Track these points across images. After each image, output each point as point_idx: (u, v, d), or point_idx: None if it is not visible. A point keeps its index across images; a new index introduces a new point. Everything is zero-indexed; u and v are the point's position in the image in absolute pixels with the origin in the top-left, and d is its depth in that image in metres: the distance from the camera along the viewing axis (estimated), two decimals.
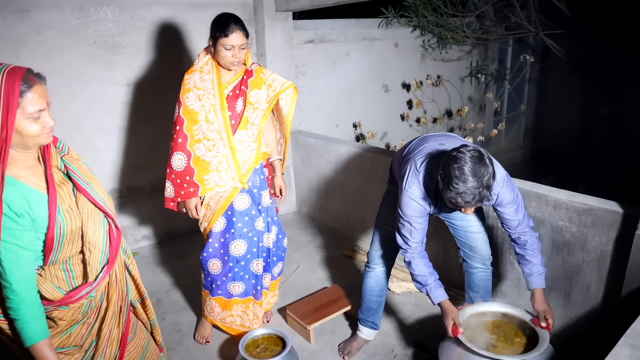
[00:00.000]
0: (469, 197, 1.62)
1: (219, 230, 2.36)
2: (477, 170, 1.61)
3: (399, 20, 4.70)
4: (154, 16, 3.42)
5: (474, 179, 1.60)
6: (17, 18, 2.95)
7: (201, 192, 2.26)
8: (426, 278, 1.99)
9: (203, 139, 2.23)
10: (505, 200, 1.89)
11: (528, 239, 1.96)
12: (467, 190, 1.61)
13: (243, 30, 2.15)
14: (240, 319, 2.50)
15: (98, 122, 3.39)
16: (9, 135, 1.16)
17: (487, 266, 2.29)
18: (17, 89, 1.16)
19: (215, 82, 2.22)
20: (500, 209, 1.93)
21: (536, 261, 1.96)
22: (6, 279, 1.20)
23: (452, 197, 1.65)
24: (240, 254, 2.38)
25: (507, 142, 6.55)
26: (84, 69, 3.25)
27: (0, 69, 1.17)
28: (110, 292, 1.46)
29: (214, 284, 2.43)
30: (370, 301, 2.40)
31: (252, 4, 3.90)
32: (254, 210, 2.39)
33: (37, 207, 1.25)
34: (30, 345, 1.24)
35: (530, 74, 6.42)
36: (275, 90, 2.36)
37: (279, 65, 3.99)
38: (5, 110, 1.15)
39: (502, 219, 1.97)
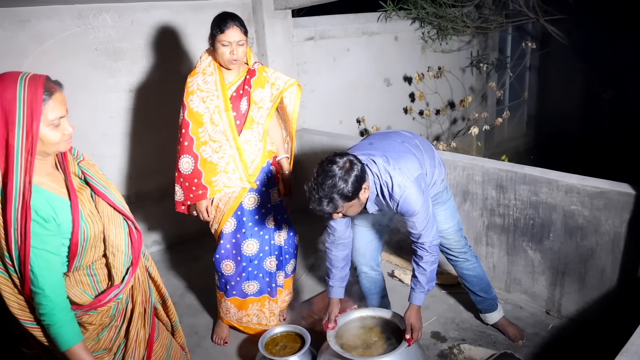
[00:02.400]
0: (314, 204, 1.70)
1: (230, 231, 2.36)
2: (324, 181, 1.67)
3: (398, 13, 4.68)
4: (153, 20, 3.42)
5: (318, 189, 1.68)
6: (17, 29, 2.95)
7: (210, 194, 2.25)
8: (331, 270, 2.13)
9: (209, 140, 2.22)
10: (404, 212, 1.88)
11: (423, 255, 1.95)
12: (313, 199, 1.70)
13: (240, 26, 2.15)
14: (257, 318, 2.50)
15: (103, 129, 3.39)
16: (34, 142, 1.17)
17: (465, 258, 2.31)
18: (40, 97, 1.18)
19: (218, 84, 2.22)
20: (404, 218, 1.93)
21: (422, 279, 1.97)
22: (38, 285, 1.20)
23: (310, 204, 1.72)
24: (252, 253, 2.38)
25: (511, 130, 6.53)
26: (86, 76, 3.25)
27: (22, 77, 1.18)
28: (134, 294, 1.47)
29: (228, 285, 2.43)
30: (374, 301, 2.40)
31: (250, 4, 3.89)
32: (264, 208, 2.39)
33: (61, 213, 1.26)
34: (67, 349, 1.25)
35: (531, 61, 6.39)
36: (279, 89, 2.36)
37: (281, 63, 3.99)
38: (30, 117, 1.16)
39: (407, 226, 1.95)
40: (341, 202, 1.69)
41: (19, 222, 1.16)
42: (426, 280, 1.98)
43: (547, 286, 2.57)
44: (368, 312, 2.16)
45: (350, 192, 1.68)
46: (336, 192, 1.66)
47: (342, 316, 2.10)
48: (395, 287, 2.90)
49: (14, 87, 1.15)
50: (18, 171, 1.15)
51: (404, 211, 1.88)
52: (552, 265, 2.51)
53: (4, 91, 1.15)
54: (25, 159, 1.16)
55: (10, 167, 1.15)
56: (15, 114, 1.14)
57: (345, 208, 1.74)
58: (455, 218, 2.27)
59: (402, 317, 2.00)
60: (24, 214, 1.16)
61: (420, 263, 1.97)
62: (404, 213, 1.90)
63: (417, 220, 1.89)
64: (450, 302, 2.78)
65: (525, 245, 2.60)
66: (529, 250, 2.59)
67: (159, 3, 3.43)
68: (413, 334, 1.93)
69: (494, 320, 2.45)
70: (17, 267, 1.20)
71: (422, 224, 1.91)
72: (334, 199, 1.67)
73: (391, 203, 1.88)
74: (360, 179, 1.72)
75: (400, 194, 1.83)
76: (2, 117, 1.14)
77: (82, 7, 3.14)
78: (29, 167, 1.17)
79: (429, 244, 1.94)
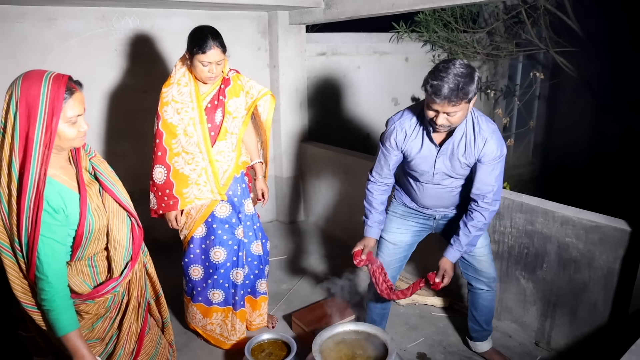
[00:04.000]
0: (445, 89, 1.70)
1: (200, 237, 2.38)
2: (459, 71, 1.72)
3: (409, 35, 4.77)
4: (172, 26, 3.52)
5: (453, 75, 1.71)
6: (45, 26, 3.07)
7: (180, 205, 2.26)
8: (370, 211, 2.20)
9: (182, 152, 2.22)
10: (489, 153, 1.91)
11: (476, 217, 2.01)
12: (444, 81, 1.70)
13: (220, 46, 2.11)
14: (219, 328, 2.50)
15: (116, 127, 3.47)
16: (52, 137, 1.24)
17: (491, 287, 2.32)
18: (62, 95, 1.25)
19: (193, 95, 2.20)
20: (480, 166, 1.95)
21: (463, 239, 2.05)
22: (43, 272, 1.27)
23: (429, 88, 1.74)
24: (219, 261, 2.38)
25: (516, 158, 6.56)
26: (104, 75, 3.36)
27: (47, 76, 1.25)
28: (131, 288, 1.53)
29: (195, 290, 2.44)
30: (374, 313, 2.47)
31: (267, 17, 3.99)
32: (234, 218, 2.39)
33: (70, 205, 1.33)
34: (63, 335, 1.31)
35: (540, 90, 6.45)
36: (253, 97, 2.36)
37: (292, 76, 4.07)
38: (51, 114, 1.23)
39: (476, 181, 1.98)
40: (466, 95, 1.73)
41: (31, 210, 1.23)
42: (467, 241, 2.04)
43: (538, 317, 2.59)
44: (352, 327, 2.17)
45: (474, 90, 1.75)
46: (468, 80, 1.72)
47: (325, 330, 2.12)
48: None
49: (39, 84, 1.23)
50: (35, 163, 1.22)
51: (489, 151, 1.90)
52: (544, 295, 2.54)
53: (29, 88, 1.22)
54: (43, 152, 1.23)
55: (28, 159, 1.22)
56: (37, 109, 1.22)
57: (458, 108, 1.76)
58: (487, 240, 2.28)
59: (385, 332, 2.03)
60: (36, 204, 1.23)
61: (469, 225, 2.02)
62: (487, 154, 1.91)
63: (495, 169, 1.93)
64: (439, 324, 2.80)
65: (518, 274, 2.63)
66: (521, 279, 2.62)
67: (179, 10, 3.53)
68: (444, 279, 2.01)
69: (483, 350, 2.48)
70: (25, 252, 1.27)
71: (497, 177, 1.96)
72: (465, 87, 1.71)
73: (479, 140, 1.90)
74: (479, 81, 1.79)
75: (490, 131, 1.91)
76: (25, 112, 1.21)
77: (106, 10, 3.25)
78: (45, 160, 1.24)
79: (490, 202, 1.97)
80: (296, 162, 4.31)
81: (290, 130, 4.20)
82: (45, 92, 1.23)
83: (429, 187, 2.13)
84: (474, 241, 2.06)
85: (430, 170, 2.04)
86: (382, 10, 3.10)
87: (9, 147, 1.23)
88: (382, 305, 2.45)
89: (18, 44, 3.01)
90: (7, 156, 1.23)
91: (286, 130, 4.18)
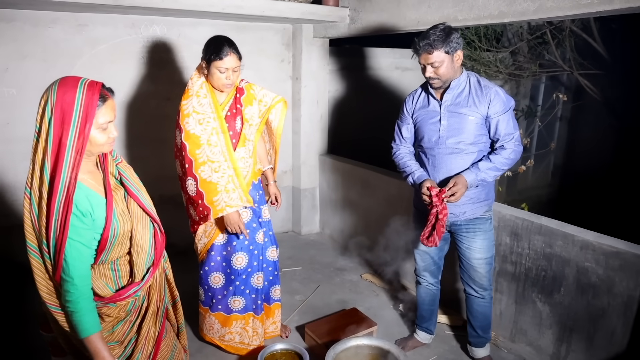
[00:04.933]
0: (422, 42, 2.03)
1: (222, 244, 2.39)
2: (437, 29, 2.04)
3: None
4: (198, 35, 3.59)
5: (431, 32, 2.04)
6: (75, 32, 3.16)
7: (212, 214, 2.21)
8: (406, 163, 2.36)
9: (207, 161, 2.22)
10: (499, 103, 2.11)
11: (503, 152, 2.14)
12: (422, 36, 2.05)
13: (237, 53, 2.18)
14: (239, 336, 2.49)
15: (138, 132, 3.54)
16: (84, 142, 1.27)
17: (482, 295, 2.42)
18: (96, 102, 1.28)
19: (212, 106, 2.24)
20: (494, 121, 2.13)
21: (482, 165, 2.15)
22: (69, 274, 1.29)
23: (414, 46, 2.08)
24: (241, 267, 2.39)
25: (535, 179, 6.49)
26: (130, 81, 3.44)
27: (81, 82, 1.29)
28: (151, 292, 1.55)
29: (214, 299, 2.43)
30: (423, 310, 2.64)
31: (291, 29, 4.05)
32: (255, 223, 2.43)
33: (97, 209, 1.35)
34: (86, 336, 1.33)
35: (562, 112, 6.39)
36: (267, 105, 2.42)
37: (313, 88, 4.11)
38: (84, 120, 1.27)
39: (496, 135, 2.16)
40: (443, 45, 2.02)
41: (60, 213, 1.26)
42: (486, 167, 2.14)
43: (554, 341, 2.54)
44: (365, 342, 2.17)
45: (452, 43, 2.04)
46: (442, 35, 2.02)
47: (338, 344, 2.12)
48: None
49: (74, 90, 1.26)
50: (67, 168, 1.25)
51: (499, 101, 2.11)
52: (560, 320, 2.49)
53: (65, 94, 1.26)
54: (74, 157, 1.26)
55: (60, 163, 1.25)
56: (71, 115, 1.25)
57: (441, 58, 2.05)
58: (490, 252, 2.36)
59: (398, 348, 2.04)
60: (65, 207, 1.26)
61: (492, 155, 2.15)
62: (497, 105, 2.11)
63: (510, 119, 2.13)
64: (452, 343, 2.77)
65: (534, 296, 2.59)
66: (537, 302, 2.58)
67: (205, 21, 3.61)
68: (452, 187, 2.10)
69: (479, 356, 2.55)
70: (52, 254, 1.29)
71: (515, 126, 2.14)
72: (439, 37, 2.02)
73: (485, 91, 2.13)
74: (458, 41, 2.06)
75: (494, 85, 2.15)
76: (60, 117, 1.25)
77: (136, 18, 3.33)
78: (76, 164, 1.27)
79: (516, 143, 2.13)
80: (314, 174, 4.33)
81: (309, 142, 4.23)
82: (80, 98, 1.26)
83: (440, 156, 2.24)
84: (493, 173, 2.15)
85: (437, 126, 2.22)
86: (407, 26, 3.12)
87: (42, 151, 1.25)
88: (430, 303, 2.59)
89: (49, 48, 3.11)
90: (40, 159, 1.26)
91: (306, 142, 4.21)
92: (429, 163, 2.30)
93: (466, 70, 2.21)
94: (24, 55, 3.03)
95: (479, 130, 2.17)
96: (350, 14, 3.62)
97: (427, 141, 2.27)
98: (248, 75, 3.96)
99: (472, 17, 2.67)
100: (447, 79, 2.13)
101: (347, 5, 3.62)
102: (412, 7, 3.04)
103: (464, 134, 2.16)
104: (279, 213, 4.39)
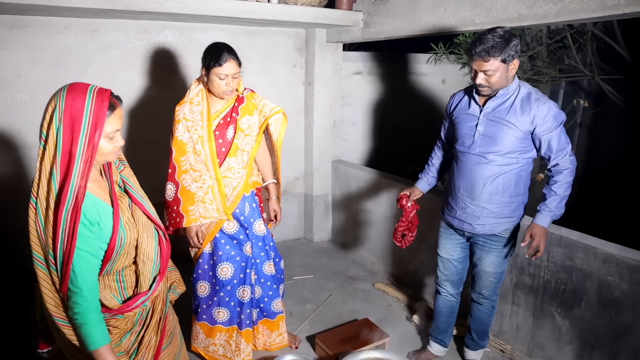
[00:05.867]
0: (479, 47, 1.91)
1: (209, 252, 2.37)
2: (496, 34, 1.92)
3: (448, 57, 4.70)
4: (210, 40, 3.50)
5: (490, 37, 1.92)
6: (88, 38, 3.17)
7: (185, 222, 2.23)
8: (427, 169, 2.48)
9: (190, 169, 2.23)
10: (549, 117, 1.99)
11: (560, 177, 2.08)
12: (480, 40, 1.92)
13: (236, 59, 2.17)
14: (222, 349, 2.45)
15: (150, 137, 3.53)
16: (94, 151, 1.24)
17: (483, 304, 2.40)
18: (105, 109, 1.25)
19: (204, 114, 2.23)
20: (545, 137, 2.03)
21: (552, 203, 2.08)
22: (77, 285, 1.25)
23: (469, 49, 1.97)
24: (226, 278, 2.35)
25: None
26: (141, 87, 3.43)
27: (90, 89, 1.26)
28: (156, 302, 1.52)
29: (200, 308, 2.40)
30: (440, 321, 2.56)
31: (304, 34, 4.01)
32: (242, 234, 2.37)
33: (104, 218, 1.32)
34: (95, 349, 1.28)
35: (582, 118, 6.23)
36: (266, 115, 2.38)
37: (326, 94, 4.06)
38: (94, 128, 1.23)
39: (548, 152, 2.07)
40: (501, 53, 1.91)
41: (68, 222, 1.22)
42: (555, 204, 2.08)
43: (573, 357, 2.44)
44: (376, 354, 2.13)
45: (511, 51, 1.93)
46: (502, 42, 1.91)
47: (349, 356, 2.08)
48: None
49: (84, 97, 1.23)
50: (76, 176, 1.22)
51: (546, 118, 1.99)
52: (580, 335, 2.39)
53: (74, 100, 1.22)
54: (84, 166, 1.23)
55: (70, 172, 1.21)
56: (81, 122, 1.21)
57: (496, 66, 1.94)
58: (501, 268, 2.29)
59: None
60: (74, 216, 1.22)
61: (554, 187, 2.08)
62: (548, 119, 1.99)
63: (561, 134, 2.03)
64: None
65: (553, 310, 2.49)
66: (556, 316, 2.48)
67: (217, 26, 3.59)
68: (533, 242, 2.04)
69: (471, 357, 2.56)
70: (59, 265, 1.25)
71: (566, 140, 2.05)
72: (498, 44, 1.91)
73: (533, 106, 2.00)
74: (517, 48, 1.94)
75: (543, 100, 2.02)
76: (69, 124, 1.21)
77: (147, 23, 3.33)
78: (86, 173, 1.23)
79: (569, 159, 2.05)
80: (327, 181, 4.27)
81: (322, 148, 4.18)
82: (90, 105, 1.23)
83: (467, 163, 2.17)
84: (561, 203, 2.09)
85: (472, 132, 2.14)
86: (422, 30, 3.06)
87: (50, 159, 1.22)
88: (447, 314, 2.52)
89: (62, 54, 3.11)
90: (47, 168, 1.22)
91: (319, 148, 4.16)
92: (456, 168, 2.25)
93: (520, 81, 2.09)
94: (37, 62, 3.05)
95: (518, 144, 2.06)
96: (364, 18, 3.57)
97: (461, 144, 2.20)
98: (260, 81, 3.97)
99: (490, 20, 2.59)
100: (497, 88, 2.02)
101: (360, 9, 3.57)
102: (427, 11, 2.97)
103: (498, 145, 2.07)
104: (291, 220, 4.34)
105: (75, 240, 1.22)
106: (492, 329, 2.81)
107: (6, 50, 2.96)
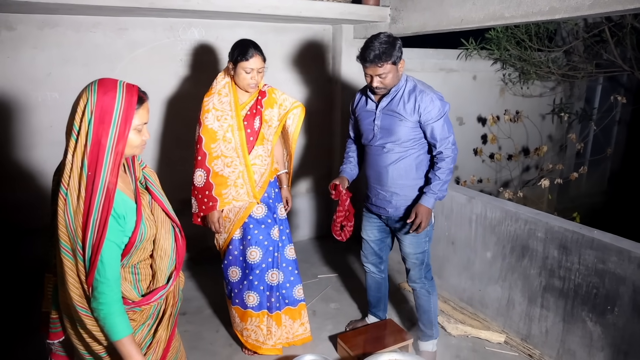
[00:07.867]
0: (371, 55, 2.10)
1: (238, 238, 2.48)
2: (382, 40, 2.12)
3: (479, 53, 4.58)
4: (237, 37, 3.52)
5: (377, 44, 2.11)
6: (116, 36, 3.23)
7: (219, 205, 2.37)
8: (344, 162, 2.59)
9: (221, 155, 2.36)
10: (433, 109, 2.19)
11: (443, 164, 2.25)
12: (370, 48, 2.11)
13: (261, 55, 2.33)
14: (254, 334, 2.54)
15: (177, 135, 3.58)
16: (124, 143, 1.28)
17: (416, 288, 2.52)
18: (135, 103, 1.29)
19: (232, 104, 2.37)
20: (429, 126, 2.22)
21: (435, 186, 2.26)
22: (105, 275, 1.28)
23: (360, 58, 2.17)
24: (255, 262, 2.45)
25: (589, 185, 6.11)
26: (169, 84, 3.47)
27: (120, 83, 1.29)
28: (169, 297, 1.54)
29: (232, 293, 2.52)
30: (370, 296, 2.80)
31: (331, 30, 3.98)
32: (270, 219, 2.50)
33: (129, 212, 1.35)
34: (119, 339, 1.31)
35: (621, 115, 5.98)
36: (286, 109, 2.53)
37: (352, 91, 4.02)
38: (124, 121, 1.27)
39: (432, 140, 2.25)
40: (390, 57, 2.10)
41: (100, 213, 1.24)
42: (438, 187, 2.25)
43: None
44: (397, 357, 2.11)
45: (398, 53, 2.13)
46: (388, 47, 2.10)
47: (370, 358, 2.07)
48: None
49: (114, 91, 1.27)
50: (106, 168, 1.24)
51: (430, 109, 2.19)
52: (613, 342, 2.28)
53: (105, 94, 1.25)
54: (114, 158, 1.26)
55: (100, 164, 1.24)
56: (112, 115, 1.25)
57: (388, 69, 2.13)
58: (421, 248, 2.41)
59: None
60: (106, 207, 1.25)
61: (437, 173, 2.25)
62: (431, 110, 2.19)
63: (445, 124, 2.22)
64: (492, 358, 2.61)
65: (584, 315, 2.39)
66: (588, 321, 2.37)
67: (244, 22, 3.60)
68: (415, 219, 2.22)
69: (422, 349, 2.60)
70: (87, 256, 1.27)
71: (449, 129, 2.24)
72: (386, 51, 2.09)
73: (417, 97, 2.20)
74: (401, 49, 2.15)
75: (431, 90, 2.23)
76: (100, 117, 1.24)
77: (174, 21, 3.37)
78: (116, 165, 1.27)
79: (451, 148, 2.23)
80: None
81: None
82: (120, 99, 1.26)
83: (372, 154, 2.39)
84: (443, 188, 2.27)
85: (371, 126, 2.35)
86: (450, 25, 2.98)
87: (82, 151, 1.25)
88: (375, 290, 2.74)
89: (91, 52, 3.18)
90: (79, 159, 1.25)
91: (342, 145, 4.12)
92: (366, 160, 2.47)
93: (407, 75, 2.30)
94: (66, 60, 3.12)
95: (411, 132, 2.26)
96: (391, 14, 3.51)
97: (365, 138, 2.42)
98: (286, 77, 3.96)
99: (520, 14, 2.50)
100: (391, 87, 2.24)
101: (388, 5, 3.51)
102: (455, 5, 2.89)
103: (394, 135, 2.27)
104: (316, 217, 4.33)
105: (106, 230, 1.25)
106: (520, 332, 2.72)
107: (37, 49, 3.04)
